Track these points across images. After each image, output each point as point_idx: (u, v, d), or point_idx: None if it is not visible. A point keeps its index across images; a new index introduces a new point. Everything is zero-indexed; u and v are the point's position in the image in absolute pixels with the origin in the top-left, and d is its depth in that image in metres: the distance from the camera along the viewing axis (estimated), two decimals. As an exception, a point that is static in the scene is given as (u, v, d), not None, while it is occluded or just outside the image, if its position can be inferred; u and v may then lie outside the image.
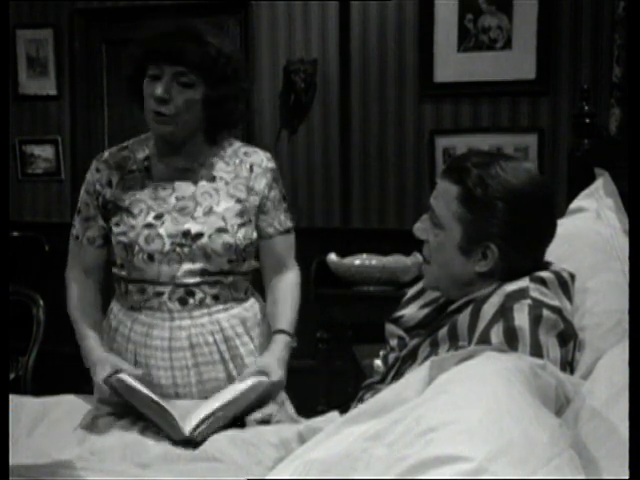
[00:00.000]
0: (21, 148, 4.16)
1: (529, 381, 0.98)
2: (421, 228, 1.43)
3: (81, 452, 1.36)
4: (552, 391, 1.04)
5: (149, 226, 1.73)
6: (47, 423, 1.46)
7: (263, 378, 1.63)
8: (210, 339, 1.75)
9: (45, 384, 2.66)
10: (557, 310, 1.30)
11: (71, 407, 1.53)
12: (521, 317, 1.27)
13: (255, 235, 1.80)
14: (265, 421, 1.50)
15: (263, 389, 1.62)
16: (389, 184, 3.71)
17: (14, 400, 1.44)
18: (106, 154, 1.83)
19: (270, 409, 1.55)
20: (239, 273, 1.80)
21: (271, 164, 1.84)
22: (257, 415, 1.52)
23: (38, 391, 1.94)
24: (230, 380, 1.75)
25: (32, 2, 4.10)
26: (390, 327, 1.50)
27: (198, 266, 1.73)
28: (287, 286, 1.84)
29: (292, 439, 1.28)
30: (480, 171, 1.34)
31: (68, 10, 4.04)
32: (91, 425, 1.46)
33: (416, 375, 1.02)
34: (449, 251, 1.38)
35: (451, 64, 3.54)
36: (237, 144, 1.86)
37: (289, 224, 1.86)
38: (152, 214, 1.74)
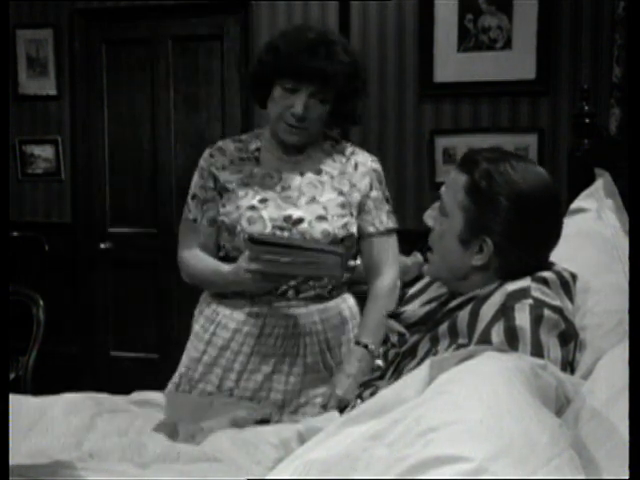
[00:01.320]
0: (21, 148, 4.16)
1: (529, 381, 0.97)
2: (430, 215, 1.46)
3: (80, 452, 1.35)
4: (552, 391, 1.04)
5: (252, 208, 1.78)
6: (45, 422, 1.45)
7: None
8: (281, 332, 1.79)
9: (45, 384, 2.66)
10: (558, 310, 1.30)
11: (70, 406, 1.52)
12: (522, 317, 1.27)
13: (354, 229, 1.83)
14: (265, 421, 1.50)
15: None
16: (389, 184, 3.63)
17: (12, 399, 1.43)
18: (220, 143, 1.91)
19: (269, 408, 1.54)
20: None
21: (376, 165, 1.91)
22: (256, 415, 1.52)
23: (38, 391, 1.94)
24: (290, 375, 1.79)
25: (32, 2, 4.09)
26: (391, 323, 1.50)
27: None
28: (378, 295, 1.85)
29: (292, 439, 1.28)
30: (489, 165, 1.35)
31: (68, 10, 4.03)
32: (90, 424, 1.45)
33: (416, 375, 1.01)
34: (449, 240, 1.40)
35: (451, 64, 3.52)
36: (344, 143, 1.92)
37: (391, 225, 1.89)
38: (257, 197, 1.79)
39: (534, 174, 1.37)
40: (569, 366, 1.28)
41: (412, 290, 1.54)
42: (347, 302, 1.91)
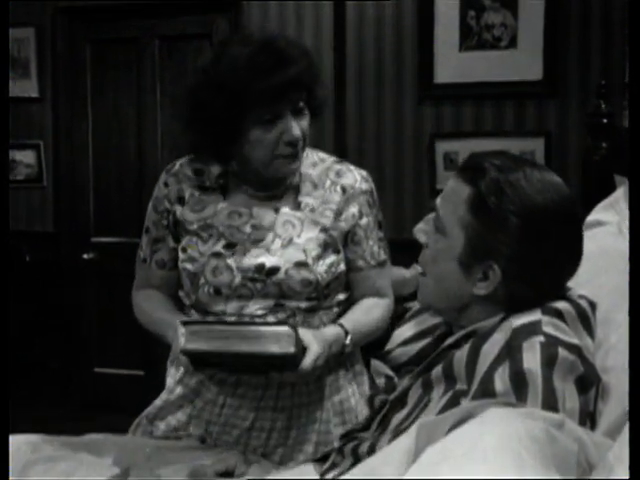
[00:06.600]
0: (2, 153, 4.01)
1: (544, 452, 0.76)
2: (422, 230, 1.24)
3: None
4: (572, 458, 0.83)
5: (217, 255, 1.52)
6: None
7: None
8: (262, 381, 1.52)
9: (25, 400, 2.50)
10: (576, 349, 1.08)
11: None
12: (531, 358, 1.04)
13: (342, 268, 1.56)
14: (228, 474, 1.29)
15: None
16: (387, 191, 3.53)
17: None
18: (177, 166, 1.62)
19: (234, 459, 1.33)
20: (319, 309, 1.56)
21: (365, 185, 1.60)
22: (218, 466, 1.31)
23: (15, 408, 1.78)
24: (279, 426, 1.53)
25: (13, 0, 3.95)
26: (376, 364, 1.28)
27: (271, 302, 1.51)
28: (369, 302, 1.60)
29: (255, 502, 1.07)
30: (499, 175, 1.12)
31: (51, 8, 3.92)
32: (20, 475, 1.24)
33: (398, 446, 0.79)
34: (447, 263, 1.18)
35: (452, 64, 3.40)
36: (328, 161, 1.63)
37: (383, 256, 1.62)
38: (222, 242, 1.53)
39: (551, 186, 1.14)
40: (589, 418, 1.06)
41: (401, 323, 1.32)
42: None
